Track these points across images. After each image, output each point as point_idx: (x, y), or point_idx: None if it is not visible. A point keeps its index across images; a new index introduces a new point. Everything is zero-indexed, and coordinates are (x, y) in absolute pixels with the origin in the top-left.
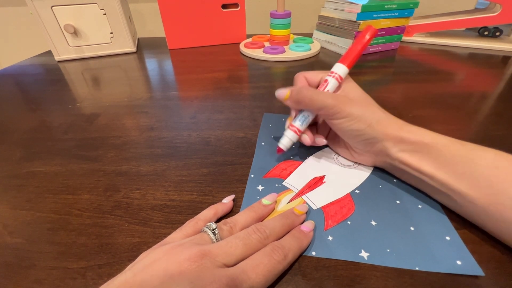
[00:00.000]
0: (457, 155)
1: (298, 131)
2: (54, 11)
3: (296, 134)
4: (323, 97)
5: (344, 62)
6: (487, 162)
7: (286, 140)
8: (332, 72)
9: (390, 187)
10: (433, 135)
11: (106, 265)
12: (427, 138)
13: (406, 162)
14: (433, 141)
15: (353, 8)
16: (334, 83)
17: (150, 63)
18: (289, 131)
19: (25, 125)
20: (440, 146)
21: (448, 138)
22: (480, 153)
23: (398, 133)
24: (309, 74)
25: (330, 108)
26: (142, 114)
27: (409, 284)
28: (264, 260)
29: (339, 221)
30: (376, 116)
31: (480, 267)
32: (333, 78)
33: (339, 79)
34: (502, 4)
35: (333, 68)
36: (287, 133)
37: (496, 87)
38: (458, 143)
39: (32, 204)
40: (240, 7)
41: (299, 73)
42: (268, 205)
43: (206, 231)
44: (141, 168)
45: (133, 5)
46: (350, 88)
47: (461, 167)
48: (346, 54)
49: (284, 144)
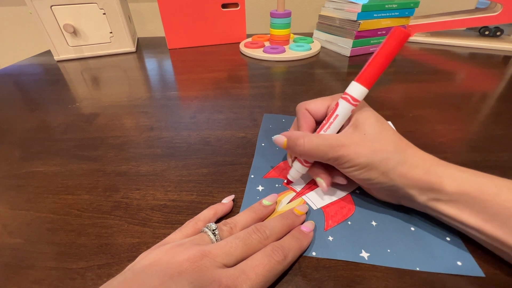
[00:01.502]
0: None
1: (305, 162)
2: (53, 10)
3: (304, 166)
4: (322, 148)
5: (361, 81)
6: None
7: (294, 172)
8: (345, 94)
9: None
10: (474, 179)
11: (105, 266)
12: (467, 185)
13: (441, 212)
14: (476, 189)
15: (354, 8)
16: (347, 110)
17: (150, 63)
18: (296, 162)
19: (24, 125)
20: (487, 196)
21: (495, 181)
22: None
23: (425, 179)
24: (312, 105)
25: (334, 160)
26: (141, 114)
27: (410, 284)
28: (264, 261)
29: (339, 221)
30: (393, 160)
31: (480, 268)
32: (346, 102)
33: (353, 101)
34: (502, 4)
35: (348, 89)
36: (295, 165)
37: (497, 87)
38: (510, 190)
39: (31, 204)
40: (240, 6)
41: (300, 105)
42: (268, 206)
43: (206, 231)
44: (141, 168)
45: (133, 4)
46: (363, 119)
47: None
48: (365, 70)
49: (293, 176)
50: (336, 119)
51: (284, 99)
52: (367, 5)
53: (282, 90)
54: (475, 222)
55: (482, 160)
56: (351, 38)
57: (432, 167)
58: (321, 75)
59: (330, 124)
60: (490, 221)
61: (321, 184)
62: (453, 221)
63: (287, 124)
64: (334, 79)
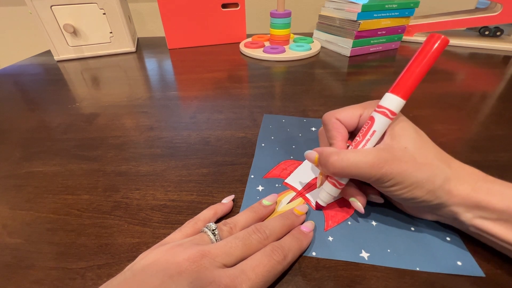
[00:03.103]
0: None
1: (338, 184)
2: (53, 10)
3: (337, 188)
4: (362, 165)
5: (397, 92)
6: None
7: (325, 195)
8: (380, 107)
9: None
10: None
11: (105, 266)
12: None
13: (487, 231)
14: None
15: (354, 8)
16: (384, 124)
17: (150, 63)
18: (327, 184)
19: (24, 125)
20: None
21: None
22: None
23: (473, 196)
24: (342, 114)
25: (374, 180)
26: (141, 114)
27: (410, 284)
28: (264, 261)
29: (339, 222)
30: (439, 177)
31: (481, 268)
32: (383, 117)
33: (390, 114)
34: (502, 4)
35: (383, 101)
36: (326, 187)
37: (497, 87)
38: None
39: (31, 204)
40: (240, 6)
41: (329, 115)
42: (268, 206)
43: (206, 231)
44: (141, 168)
45: (133, 4)
46: (400, 130)
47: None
48: (401, 79)
49: (324, 201)
50: (373, 135)
51: (284, 99)
52: (367, 5)
53: (282, 90)
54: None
55: (482, 160)
56: (351, 38)
57: (479, 183)
58: (321, 75)
59: (366, 142)
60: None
61: (356, 205)
62: (500, 240)
63: (287, 124)
64: (334, 79)
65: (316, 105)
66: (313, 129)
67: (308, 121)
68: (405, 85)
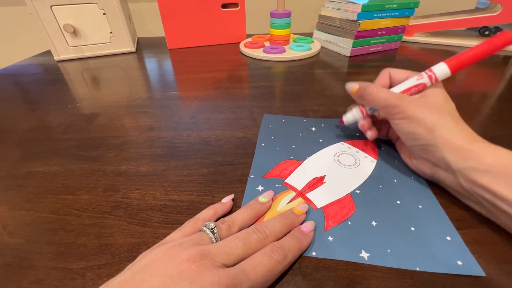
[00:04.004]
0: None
1: (365, 112)
2: (53, 10)
3: (362, 113)
4: (387, 96)
5: (449, 63)
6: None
7: (350, 115)
8: (430, 70)
9: (390, 187)
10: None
11: (105, 266)
12: (508, 160)
13: (475, 181)
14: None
15: (354, 8)
16: (425, 81)
17: (150, 63)
18: (356, 108)
19: (24, 125)
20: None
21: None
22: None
23: (467, 148)
24: (394, 71)
25: (392, 108)
26: (141, 114)
27: (410, 284)
28: (264, 260)
29: (339, 222)
30: (443, 122)
31: (481, 267)
32: (426, 77)
33: (434, 80)
34: (502, 4)
35: (435, 67)
36: (354, 110)
37: (497, 87)
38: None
39: (31, 204)
40: (240, 6)
41: (385, 68)
42: (265, 203)
43: (204, 230)
44: (141, 168)
45: (133, 4)
46: (433, 92)
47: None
48: (458, 56)
49: (348, 118)
50: (413, 86)
51: (284, 99)
52: (367, 5)
53: (282, 90)
54: (508, 194)
55: None
56: (351, 38)
57: (477, 142)
58: (321, 75)
59: (405, 86)
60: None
61: (369, 134)
62: (486, 192)
63: (287, 124)
64: (334, 79)
65: (316, 105)
66: (313, 129)
67: (308, 121)
68: (459, 62)
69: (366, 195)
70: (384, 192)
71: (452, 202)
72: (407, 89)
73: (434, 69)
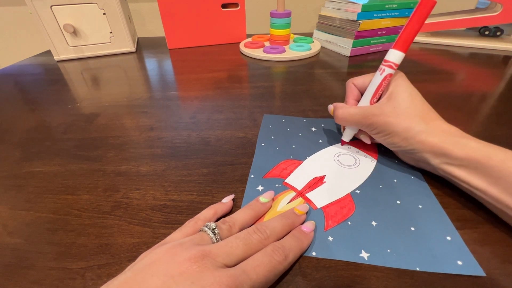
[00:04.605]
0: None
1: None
2: (53, 10)
3: (353, 129)
4: (357, 117)
5: (396, 47)
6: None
7: (347, 134)
8: (385, 61)
9: (390, 187)
10: (485, 148)
11: (105, 266)
12: (478, 153)
13: (451, 174)
14: (485, 156)
15: (354, 8)
16: (389, 71)
17: (150, 63)
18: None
19: (24, 125)
20: (494, 162)
21: (504, 151)
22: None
23: (439, 146)
24: (357, 79)
25: (366, 127)
26: (141, 114)
27: (410, 284)
28: (265, 260)
29: (339, 222)
30: (414, 129)
31: (481, 267)
32: (387, 67)
33: (395, 66)
34: (502, 4)
35: (387, 56)
36: (346, 128)
37: (497, 87)
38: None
39: (31, 204)
40: (240, 6)
41: (348, 81)
42: (265, 203)
43: (205, 230)
44: (141, 168)
45: (133, 4)
46: (397, 92)
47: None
48: (400, 37)
49: (347, 137)
50: (374, 78)
51: (284, 99)
52: (367, 5)
53: (282, 90)
54: (482, 185)
55: None
56: (351, 38)
57: (449, 137)
58: (321, 75)
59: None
60: (495, 184)
61: (365, 140)
62: (462, 182)
63: (287, 124)
64: (334, 79)
65: (316, 105)
66: (313, 129)
67: (308, 121)
68: (404, 41)
69: (366, 195)
70: (384, 192)
71: (452, 202)
72: (377, 87)
73: (388, 58)
